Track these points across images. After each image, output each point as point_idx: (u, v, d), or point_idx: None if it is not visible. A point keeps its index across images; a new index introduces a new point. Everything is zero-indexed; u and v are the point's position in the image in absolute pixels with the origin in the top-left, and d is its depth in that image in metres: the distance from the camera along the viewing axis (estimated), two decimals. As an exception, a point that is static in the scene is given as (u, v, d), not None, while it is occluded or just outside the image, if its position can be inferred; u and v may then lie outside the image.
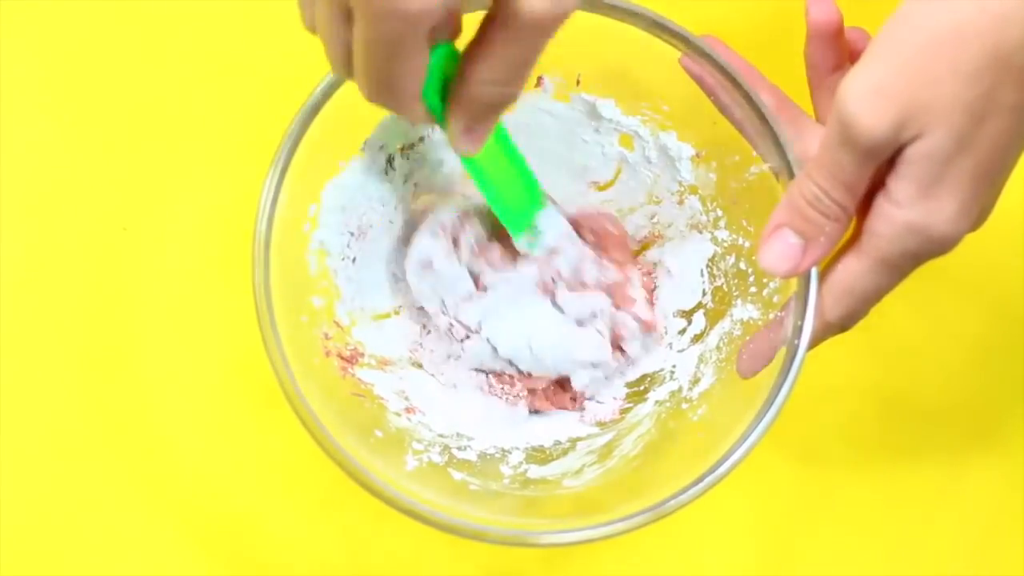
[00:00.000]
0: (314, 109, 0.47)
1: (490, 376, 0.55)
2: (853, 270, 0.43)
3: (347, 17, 0.36)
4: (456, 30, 0.40)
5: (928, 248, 0.41)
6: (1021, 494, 0.57)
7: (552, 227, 0.51)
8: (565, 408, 0.55)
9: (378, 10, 0.34)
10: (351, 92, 0.47)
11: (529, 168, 0.49)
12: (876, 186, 0.42)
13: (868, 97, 0.39)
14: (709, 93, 0.49)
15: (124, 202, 0.58)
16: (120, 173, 0.59)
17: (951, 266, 0.43)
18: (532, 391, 0.55)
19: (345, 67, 0.38)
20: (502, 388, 0.55)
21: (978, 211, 0.42)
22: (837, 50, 0.49)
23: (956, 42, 0.38)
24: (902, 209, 0.41)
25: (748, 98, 0.48)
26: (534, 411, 0.56)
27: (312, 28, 0.39)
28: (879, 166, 0.41)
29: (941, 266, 0.43)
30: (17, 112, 0.59)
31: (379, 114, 0.52)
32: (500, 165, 0.47)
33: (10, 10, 0.60)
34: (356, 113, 0.50)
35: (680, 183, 0.55)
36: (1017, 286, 0.58)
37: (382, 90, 0.38)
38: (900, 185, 0.40)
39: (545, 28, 0.36)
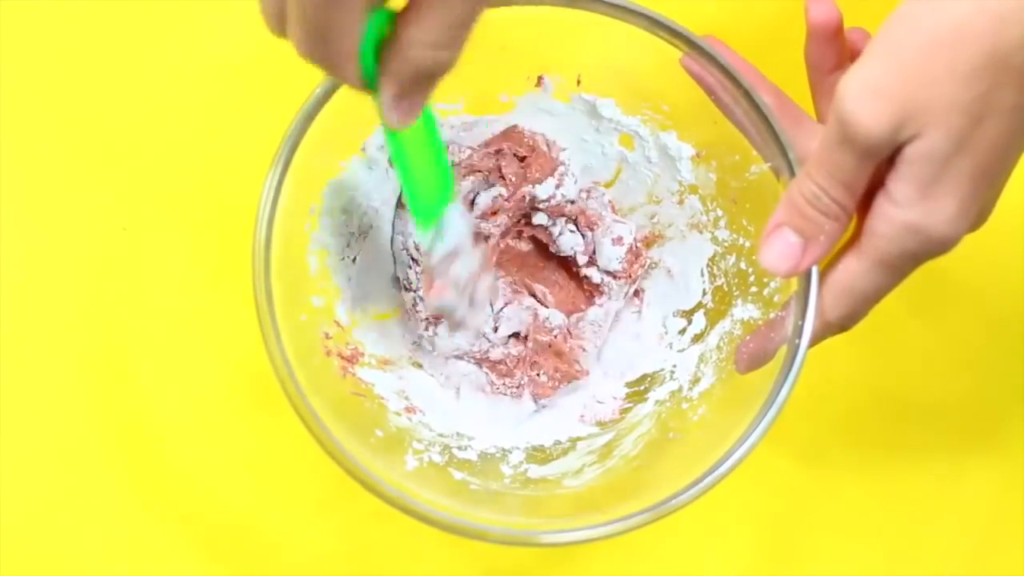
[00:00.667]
0: (314, 109, 0.47)
1: (487, 370, 0.55)
2: (853, 270, 0.43)
3: None
4: None
5: (928, 248, 0.41)
6: (1021, 494, 0.57)
7: (455, 226, 0.47)
8: (575, 378, 0.55)
9: None
10: (351, 93, 0.48)
11: (448, 161, 0.46)
12: (876, 185, 0.42)
13: (866, 97, 0.39)
14: (709, 92, 0.49)
15: (124, 202, 0.58)
16: (120, 173, 0.59)
17: (951, 266, 0.43)
18: (534, 379, 0.55)
19: (279, 20, 0.36)
20: (503, 383, 0.55)
21: (977, 211, 0.42)
22: (837, 49, 0.49)
23: (954, 43, 0.38)
24: (901, 209, 0.41)
25: (748, 97, 0.48)
26: (540, 401, 0.55)
27: None
28: (879, 165, 0.41)
29: (941, 266, 0.43)
30: (17, 112, 0.59)
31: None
32: (423, 151, 0.44)
33: (10, 10, 0.60)
34: (356, 113, 0.50)
35: (680, 183, 0.55)
36: (1017, 286, 0.58)
37: (317, 43, 0.36)
38: (899, 185, 0.40)
39: None
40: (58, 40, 0.60)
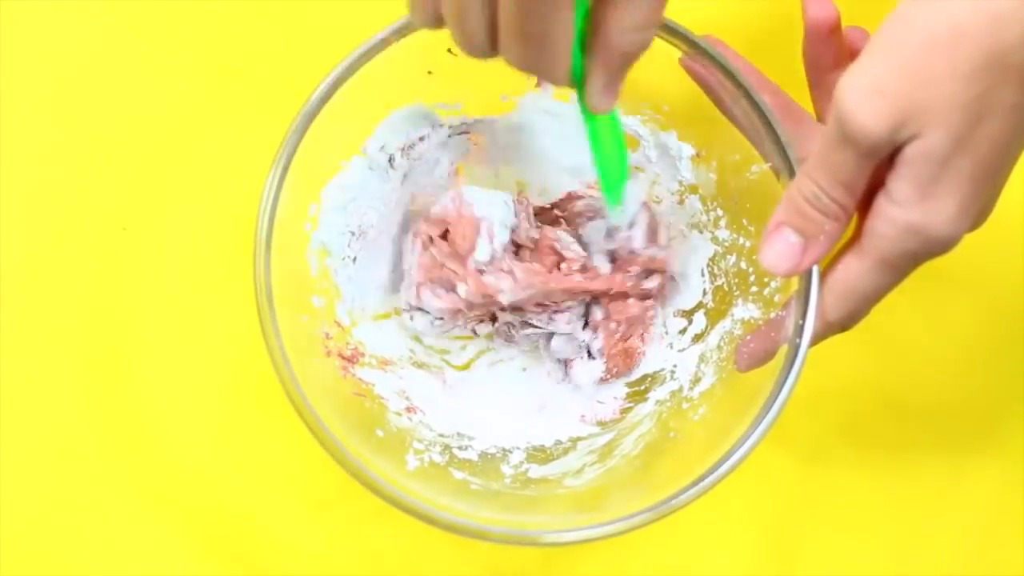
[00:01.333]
0: (315, 109, 0.47)
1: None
2: (854, 270, 0.43)
3: None
4: None
5: (928, 248, 0.41)
6: (1021, 494, 0.57)
7: (633, 198, 0.52)
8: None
9: None
10: (351, 92, 0.48)
11: (625, 142, 0.48)
12: (877, 185, 0.42)
13: (866, 96, 0.39)
14: (710, 92, 0.49)
15: (124, 202, 0.58)
16: (120, 173, 0.59)
17: (952, 265, 0.43)
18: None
19: (486, 43, 0.37)
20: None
21: (977, 211, 0.42)
22: (835, 48, 0.49)
23: (953, 42, 0.38)
24: (902, 209, 0.41)
25: (748, 97, 0.48)
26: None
27: (432, 22, 0.38)
28: (879, 165, 0.41)
29: (942, 265, 0.43)
30: (17, 112, 0.59)
31: (380, 114, 0.52)
32: (612, 133, 0.46)
33: (10, 10, 0.60)
34: (356, 113, 0.50)
35: (680, 182, 0.55)
36: (1017, 285, 0.58)
37: (537, 48, 0.37)
38: (899, 185, 0.40)
39: None
40: (58, 40, 0.60)
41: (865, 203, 0.43)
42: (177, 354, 0.57)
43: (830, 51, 0.49)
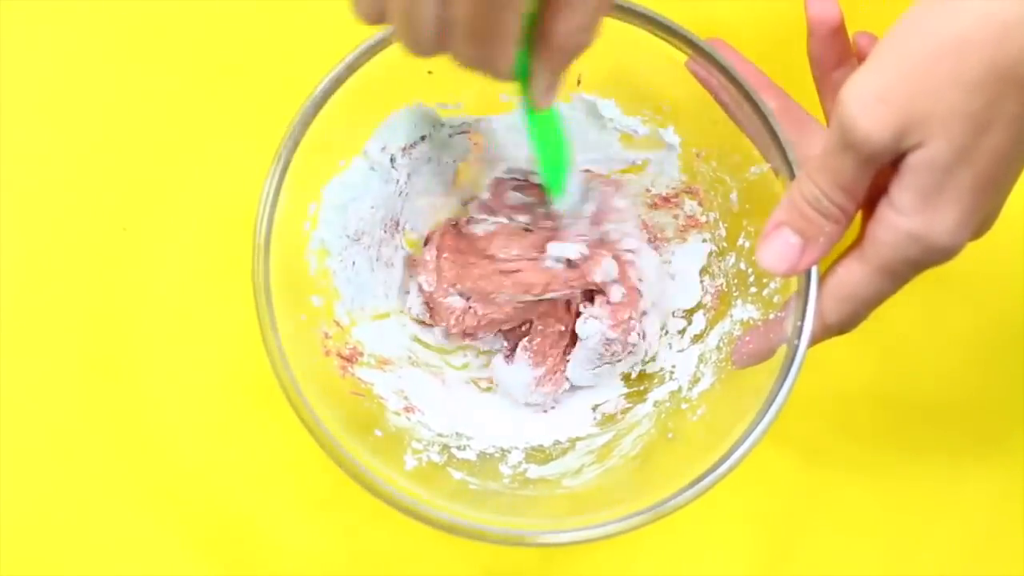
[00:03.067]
0: (315, 109, 0.48)
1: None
2: (854, 275, 0.43)
3: None
4: None
5: (929, 257, 0.42)
6: (1020, 494, 0.56)
7: (577, 188, 0.53)
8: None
9: None
10: (351, 92, 0.48)
11: (565, 135, 0.49)
12: (880, 190, 0.42)
13: (869, 103, 0.39)
14: (712, 93, 0.49)
15: (124, 202, 0.58)
16: (120, 173, 0.59)
17: (951, 267, 0.43)
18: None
19: (434, 40, 0.37)
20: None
21: (980, 221, 0.42)
22: (839, 46, 0.49)
23: (958, 53, 0.38)
24: (904, 217, 0.41)
25: (750, 99, 0.48)
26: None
27: (374, 18, 0.38)
28: (882, 170, 0.41)
29: (941, 268, 0.43)
30: (17, 112, 0.59)
31: (380, 114, 0.52)
32: (554, 128, 0.48)
33: (10, 10, 0.60)
34: (356, 113, 0.50)
35: (680, 182, 0.55)
36: (1018, 286, 0.58)
37: (486, 46, 0.37)
38: (902, 193, 0.40)
39: None
40: (58, 40, 0.60)
41: (868, 207, 0.43)
42: (176, 354, 0.57)
43: (834, 49, 0.49)
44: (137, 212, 0.58)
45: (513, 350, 0.56)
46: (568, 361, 0.55)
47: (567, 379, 0.55)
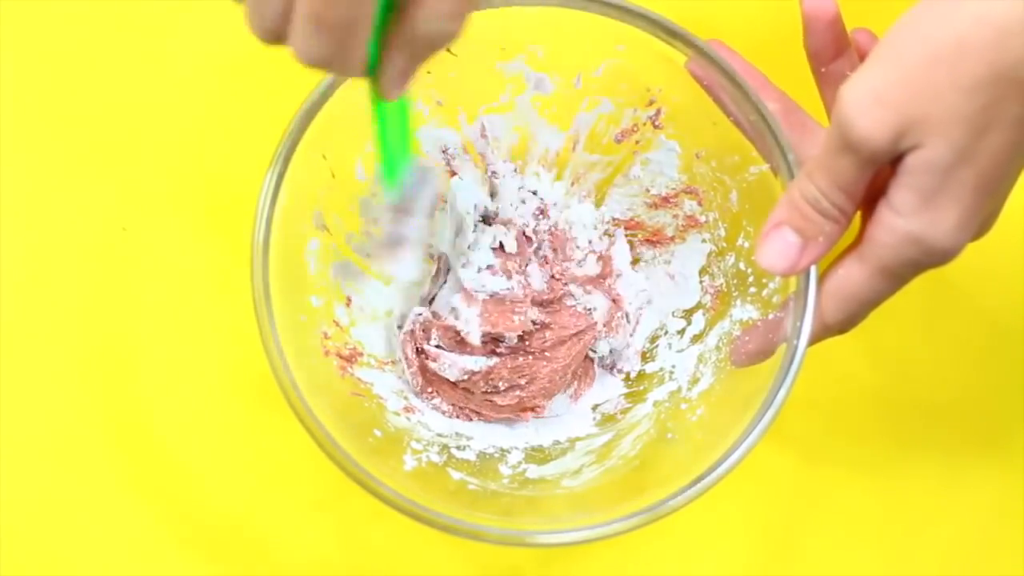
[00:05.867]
0: (313, 109, 0.48)
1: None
2: (854, 276, 0.43)
3: None
4: None
5: (928, 258, 0.42)
6: (1020, 494, 0.56)
7: (423, 186, 0.49)
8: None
9: None
10: (350, 92, 0.48)
11: (410, 129, 0.47)
12: (879, 190, 0.42)
13: (868, 104, 0.39)
14: (711, 94, 0.49)
15: (124, 202, 0.58)
16: (120, 173, 0.59)
17: (951, 268, 0.43)
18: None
19: (280, 26, 0.35)
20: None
21: (979, 223, 0.42)
22: (836, 39, 0.49)
23: (957, 55, 0.38)
24: (903, 218, 0.41)
25: (749, 100, 0.48)
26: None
27: None
28: (881, 170, 0.41)
29: (941, 268, 0.43)
30: (17, 112, 0.59)
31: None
32: (399, 118, 0.45)
33: (10, 10, 0.60)
34: (355, 113, 0.50)
35: (680, 183, 0.55)
36: (1018, 286, 0.58)
37: (335, 39, 0.35)
38: (901, 194, 0.40)
39: None
40: (58, 40, 0.60)
41: (867, 208, 0.43)
42: (176, 354, 0.57)
43: (831, 42, 0.49)
44: (137, 212, 0.58)
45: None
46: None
47: None
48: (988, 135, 0.39)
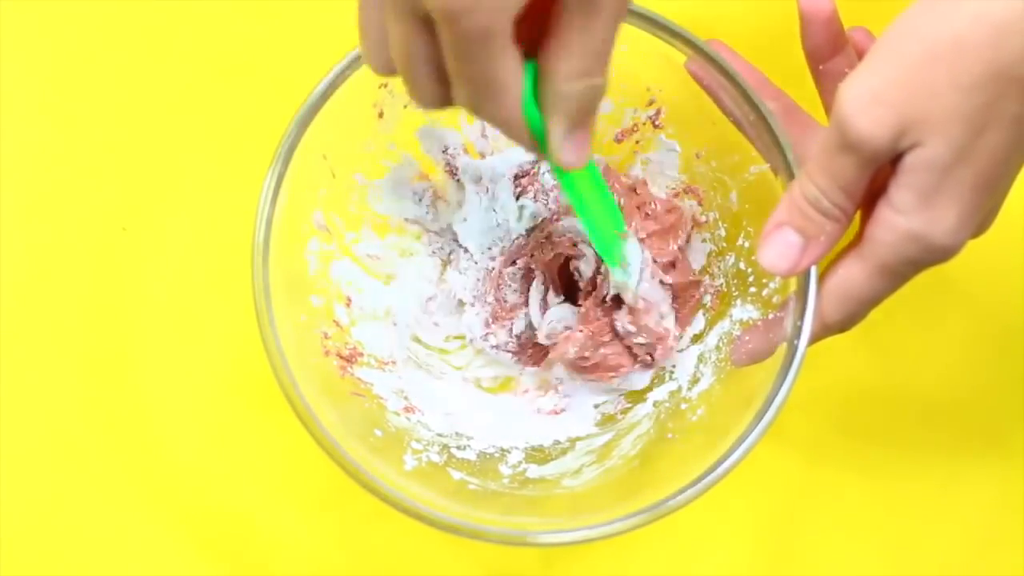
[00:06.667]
0: (313, 109, 0.48)
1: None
2: (853, 275, 0.43)
3: (426, 30, 0.34)
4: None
5: (928, 257, 0.41)
6: (1021, 494, 0.56)
7: (634, 255, 0.50)
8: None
9: (457, 6, 0.33)
10: (350, 93, 0.48)
11: (612, 195, 0.47)
12: (879, 189, 0.42)
13: (866, 103, 0.39)
14: (711, 94, 0.49)
15: (124, 202, 0.58)
16: (120, 173, 0.59)
17: (951, 267, 0.43)
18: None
19: (437, 92, 0.37)
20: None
21: (979, 221, 0.42)
22: (833, 36, 0.49)
23: (955, 53, 0.38)
24: (903, 217, 0.41)
25: (749, 99, 0.48)
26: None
27: (386, 70, 0.37)
28: (881, 169, 0.41)
29: (942, 267, 0.43)
30: (17, 112, 0.59)
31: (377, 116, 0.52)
32: (594, 188, 0.44)
33: (10, 10, 0.60)
34: (355, 113, 0.50)
35: (680, 182, 0.55)
36: (1017, 287, 0.58)
37: (484, 94, 0.36)
38: (901, 193, 0.40)
39: (617, 8, 0.35)
40: (58, 40, 0.60)
41: (867, 206, 0.43)
42: (176, 354, 0.57)
43: (828, 40, 0.50)
44: (137, 212, 0.58)
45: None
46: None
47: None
48: (987, 133, 0.39)
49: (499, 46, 0.34)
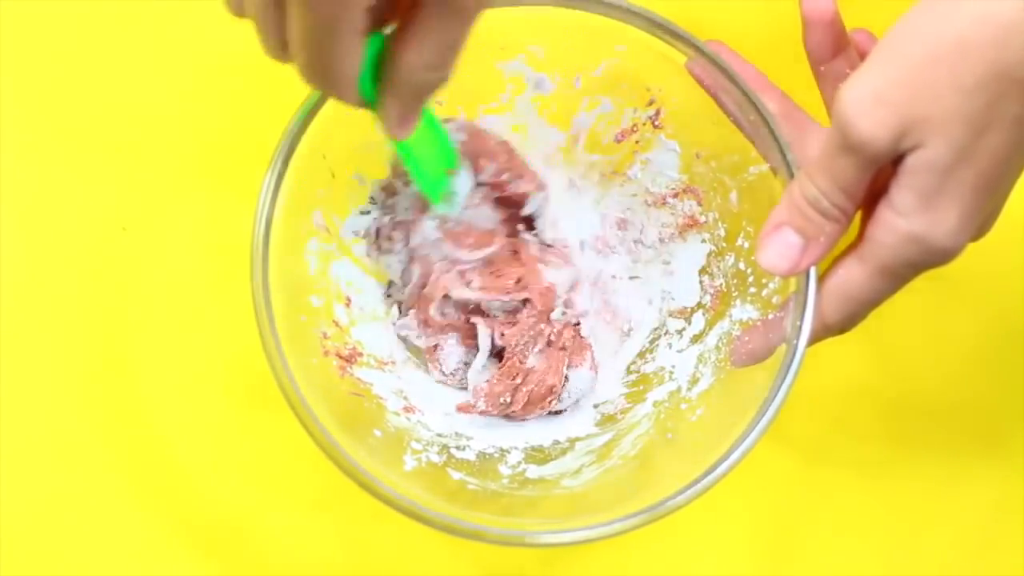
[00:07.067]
0: (312, 109, 0.48)
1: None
2: (854, 276, 0.43)
3: (279, 1, 0.35)
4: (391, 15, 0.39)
5: (929, 258, 0.42)
6: (1021, 494, 0.56)
7: (463, 186, 0.52)
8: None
9: None
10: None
11: (445, 132, 0.49)
12: (880, 190, 0.42)
13: (868, 104, 0.39)
14: (712, 94, 0.49)
15: (124, 202, 0.58)
16: (120, 173, 0.59)
17: (951, 267, 0.43)
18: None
19: (280, 51, 0.37)
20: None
21: (980, 223, 0.42)
22: (835, 37, 0.50)
23: (957, 55, 0.38)
24: (903, 218, 0.41)
25: (749, 100, 0.48)
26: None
27: (239, 12, 0.38)
28: (882, 170, 0.41)
29: (942, 268, 0.43)
30: (17, 112, 0.59)
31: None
32: (424, 139, 0.47)
33: (10, 10, 0.60)
34: (355, 113, 0.50)
35: (680, 183, 0.55)
36: (1017, 287, 0.58)
37: (319, 73, 0.37)
38: (901, 194, 0.40)
39: (475, 11, 0.36)
40: (58, 40, 0.60)
41: (867, 207, 0.43)
42: (176, 354, 0.57)
43: (831, 41, 0.50)
44: (137, 212, 0.58)
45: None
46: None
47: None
48: (988, 135, 0.39)
49: (342, 36, 0.35)
